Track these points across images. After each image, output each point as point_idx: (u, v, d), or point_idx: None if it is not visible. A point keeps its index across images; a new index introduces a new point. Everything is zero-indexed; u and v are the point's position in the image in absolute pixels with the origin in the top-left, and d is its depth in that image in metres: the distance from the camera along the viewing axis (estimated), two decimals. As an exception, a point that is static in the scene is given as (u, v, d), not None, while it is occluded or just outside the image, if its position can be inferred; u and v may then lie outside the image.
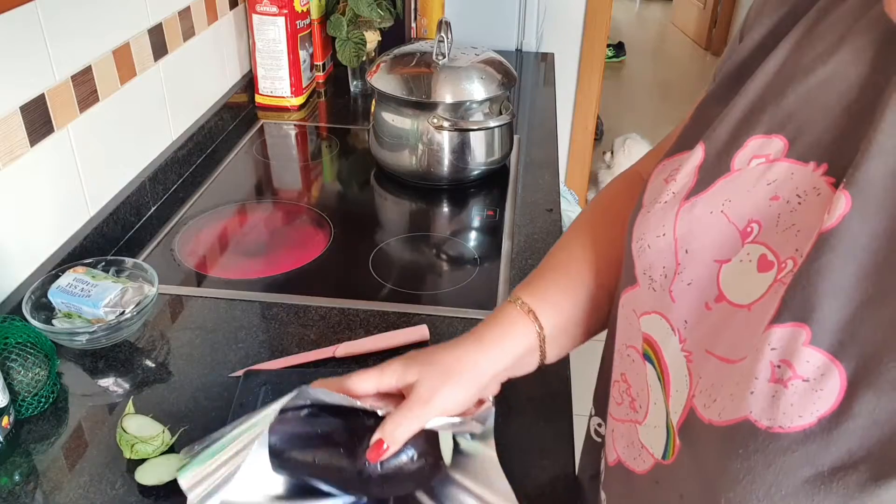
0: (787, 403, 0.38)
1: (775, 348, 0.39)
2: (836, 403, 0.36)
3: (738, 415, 0.40)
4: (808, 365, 0.38)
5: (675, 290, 0.49)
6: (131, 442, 0.70)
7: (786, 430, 0.38)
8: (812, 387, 0.37)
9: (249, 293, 0.96)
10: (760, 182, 0.45)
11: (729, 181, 0.47)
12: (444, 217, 1.21)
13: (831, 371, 0.37)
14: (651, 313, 0.51)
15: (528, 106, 1.64)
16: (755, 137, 0.47)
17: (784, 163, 0.45)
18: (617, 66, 4.67)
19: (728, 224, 0.46)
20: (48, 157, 0.95)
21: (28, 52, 0.90)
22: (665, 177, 0.52)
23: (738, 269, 0.45)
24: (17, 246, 0.92)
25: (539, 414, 0.78)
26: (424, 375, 0.60)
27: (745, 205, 0.46)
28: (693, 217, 0.48)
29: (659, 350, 0.50)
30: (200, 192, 1.23)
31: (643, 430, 0.52)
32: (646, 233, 0.51)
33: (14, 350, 0.75)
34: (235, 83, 1.54)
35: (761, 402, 0.39)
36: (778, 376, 0.38)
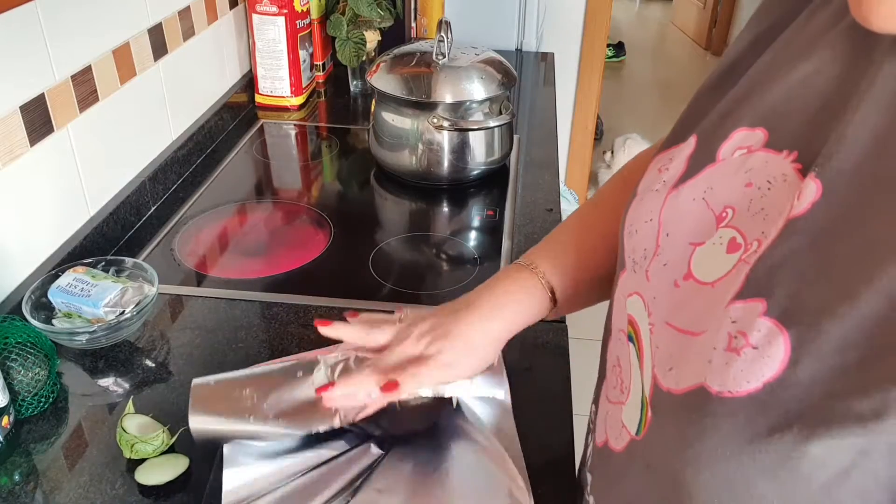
0: (737, 370, 0.40)
1: (735, 321, 0.41)
2: (781, 369, 0.38)
3: (694, 382, 0.43)
4: (758, 334, 0.40)
5: (651, 270, 0.51)
6: (131, 442, 0.70)
7: (734, 395, 0.40)
8: (760, 353, 0.39)
9: (249, 293, 0.96)
10: (739, 171, 0.48)
11: (713, 170, 0.49)
12: (444, 217, 1.21)
13: (777, 338, 0.39)
14: (633, 294, 0.54)
15: (528, 106, 1.64)
16: (741, 130, 0.49)
17: (762, 153, 0.47)
18: (617, 66, 4.67)
19: (706, 210, 0.48)
20: (48, 156, 0.95)
21: (28, 51, 0.90)
22: (659, 167, 0.55)
23: (710, 250, 0.47)
24: (17, 246, 0.92)
25: (539, 414, 0.78)
26: (448, 347, 0.64)
27: (723, 192, 0.48)
28: (677, 203, 0.51)
29: (638, 329, 0.53)
30: (200, 192, 1.23)
31: (625, 410, 0.54)
32: (636, 219, 0.54)
33: (14, 350, 0.75)
34: (235, 83, 1.54)
35: (716, 371, 0.41)
36: (734, 346, 0.41)
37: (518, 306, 0.66)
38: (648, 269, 0.52)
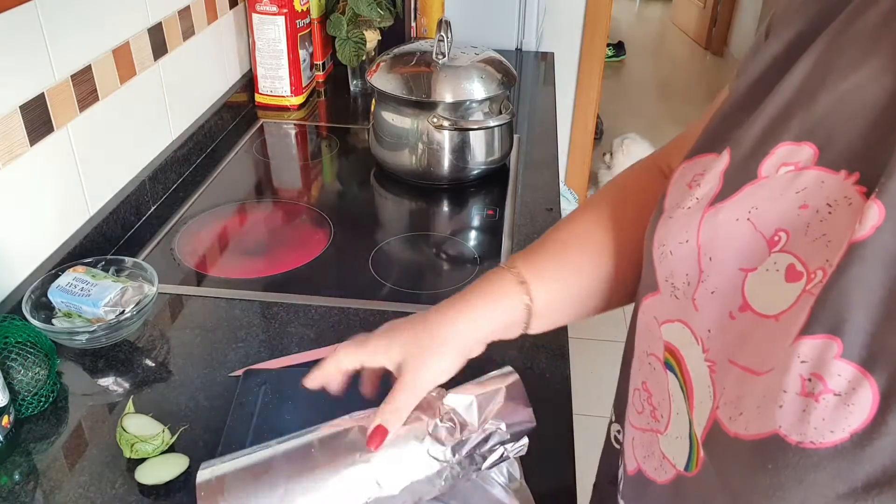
0: (818, 418, 0.37)
1: (805, 361, 0.38)
2: (870, 418, 0.36)
3: (766, 429, 0.39)
4: (839, 378, 0.37)
5: (699, 298, 0.48)
6: (131, 441, 0.70)
7: (817, 446, 0.37)
8: (844, 401, 0.36)
9: (249, 292, 0.96)
10: (789, 190, 0.44)
11: (756, 188, 0.46)
12: (444, 216, 1.21)
13: (863, 385, 0.36)
14: (674, 321, 0.50)
15: (527, 105, 1.64)
16: (784, 144, 0.46)
17: (814, 171, 0.44)
18: (617, 66, 4.67)
19: (754, 232, 0.45)
20: (48, 156, 0.95)
21: (28, 51, 0.90)
22: (688, 181, 0.51)
23: (765, 278, 0.44)
24: (17, 245, 0.92)
25: (539, 414, 0.78)
26: (409, 351, 0.61)
27: (772, 213, 0.45)
28: (717, 224, 0.47)
29: (682, 359, 0.49)
30: (200, 192, 1.23)
31: (664, 440, 0.51)
32: (668, 239, 0.50)
33: (14, 349, 0.75)
34: (235, 83, 1.54)
35: (791, 417, 0.38)
36: (808, 390, 0.38)
37: (488, 301, 0.62)
38: (696, 298, 0.48)
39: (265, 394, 0.77)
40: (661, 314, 0.52)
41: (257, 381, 0.79)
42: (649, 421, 0.54)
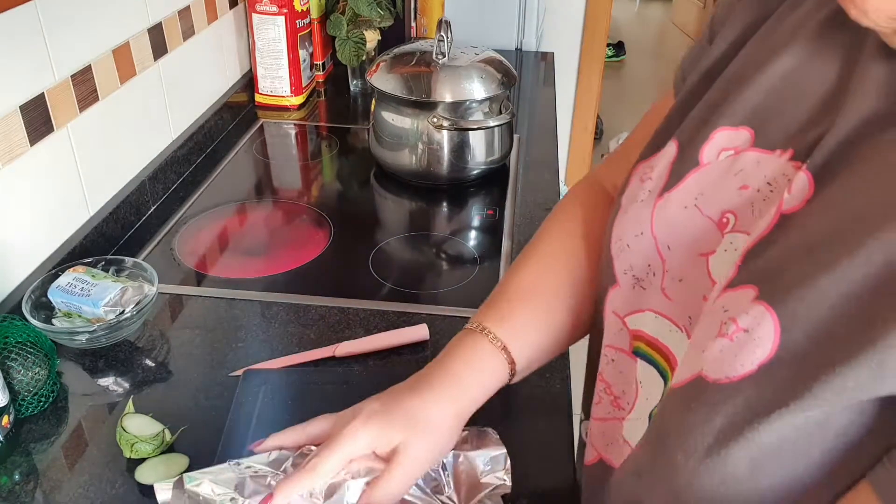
0: (731, 355, 0.40)
1: (727, 310, 0.42)
2: (773, 349, 0.39)
3: (691, 374, 0.43)
4: (746, 317, 0.40)
5: (668, 288, 0.49)
6: (131, 441, 0.70)
7: (731, 380, 0.40)
8: (750, 336, 0.39)
9: (249, 292, 0.96)
10: (728, 173, 0.47)
11: (699, 175, 0.48)
12: (443, 216, 1.21)
13: (765, 318, 0.39)
14: (643, 311, 0.51)
15: (527, 105, 1.64)
16: (722, 129, 0.48)
17: (751, 152, 0.46)
18: (617, 66, 4.67)
19: (703, 217, 0.47)
20: (48, 156, 0.95)
21: (27, 51, 0.90)
22: (641, 176, 0.53)
23: (725, 258, 0.46)
24: (17, 245, 0.92)
25: (539, 414, 0.78)
26: (410, 436, 0.56)
27: (716, 197, 0.47)
28: (668, 214, 0.49)
29: (664, 347, 0.50)
30: (200, 192, 1.23)
31: (627, 425, 0.53)
32: (624, 233, 0.52)
33: (14, 349, 0.75)
34: (235, 82, 1.54)
35: (709, 359, 0.41)
36: (724, 332, 0.41)
37: (476, 376, 0.59)
38: (664, 286, 0.50)
39: (265, 394, 0.77)
40: (623, 307, 0.53)
41: (257, 381, 0.79)
42: (610, 410, 0.55)
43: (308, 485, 0.54)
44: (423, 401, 0.57)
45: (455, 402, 0.58)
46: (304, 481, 0.54)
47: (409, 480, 0.56)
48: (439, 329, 0.89)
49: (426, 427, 0.56)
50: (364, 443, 0.56)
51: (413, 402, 0.57)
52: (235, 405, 0.76)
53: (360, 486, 0.56)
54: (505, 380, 0.61)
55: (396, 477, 0.55)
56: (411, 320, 0.91)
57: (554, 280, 0.63)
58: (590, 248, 0.63)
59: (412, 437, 0.56)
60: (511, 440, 0.73)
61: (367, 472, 0.57)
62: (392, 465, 0.55)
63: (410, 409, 0.57)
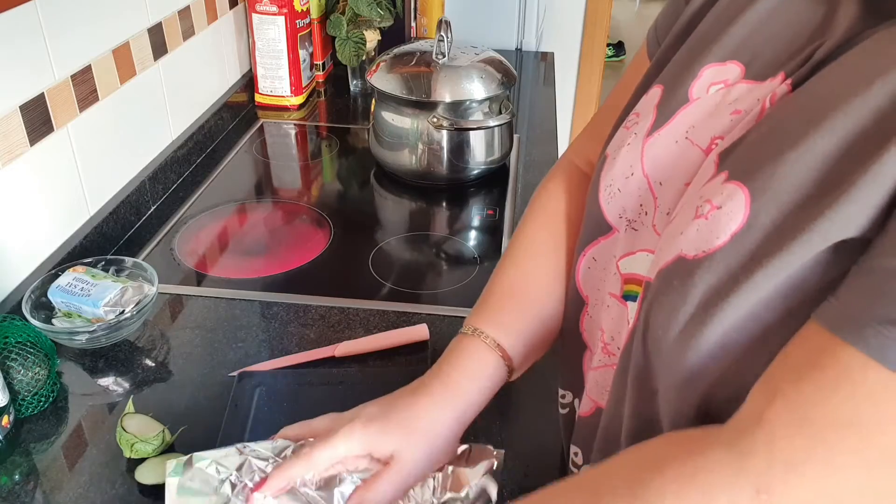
0: (706, 231, 0.42)
1: (702, 196, 0.44)
2: (744, 218, 0.41)
3: (671, 256, 0.44)
4: (721, 196, 0.42)
5: (658, 224, 0.50)
6: (131, 441, 0.70)
7: (708, 252, 0.42)
8: (724, 211, 0.42)
9: (249, 292, 0.96)
10: (722, 104, 0.48)
11: (690, 110, 0.49)
12: (443, 216, 1.21)
13: (737, 193, 0.42)
14: (635, 252, 0.52)
15: (527, 105, 1.64)
16: (709, 66, 0.49)
17: (742, 84, 0.48)
18: (617, 66, 4.67)
19: (693, 148, 0.49)
20: (48, 156, 0.95)
21: (28, 51, 0.90)
22: (626, 124, 0.54)
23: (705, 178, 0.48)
24: (17, 245, 0.92)
25: (539, 413, 0.78)
26: (407, 442, 0.56)
27: (708, 127, 0.48)
28: (658, 150, 0.50)
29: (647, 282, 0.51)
30: (200, 192, 1.23)
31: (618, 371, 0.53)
32: (615, 178, 0.52)
33: (14, 349, 0.75)
34: (235, 83, 1.54)
35: (688, 239, 0.43)
36: (700, 213, 0.43)
37: (474, 381, 0.59)
38: (655, 224, 0.50)
39: (260, 396, 0.77)
40: (616, 252, 0.54)
41: (252, 383, 0.79)
42: (601, 357, 0.56)
43: (299, 472, 0.55)
44: (421, 407, 0.57)
45: (453, 408, 0.58)
46: (295, 469, 0.55)
47: (402, 486, 0.56)
48: (439, 329, 0.89)
49: (423, 434, 0.56)
50: (358, 445, 0.56)
51: (411, 409, 0.57)
52: (230, 407, 0.76)
53: (355, 481, 0.57)
54: (503, 379, 0.61)
55: (389, 481, 0.55)
56: (411, 320, 0.91)
57: (539, 271, 0.63)
58: (571, 232, 0.63)
59: (408, 444, 0.56)
60: (510, 439, 0.73)
61: (365, 470, 0.57)
62: (386, 469, 0.55)
63: (408, 416, 0.57)
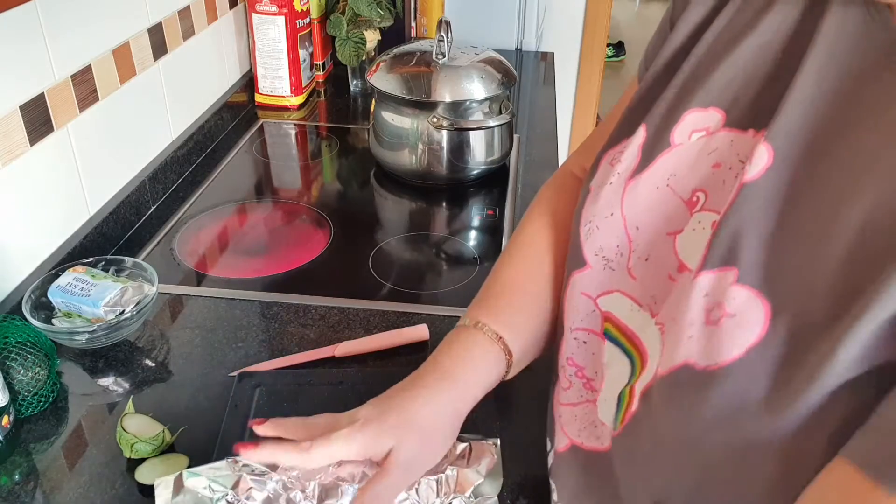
0: (718, 341, 0.40)
1: (707, 294, 0.41)
2: (763, 333, 0.38)
3: (677, 362, 0.42)
4: (734, 302, 0.40)
5: (634, 267, 0.50)
6: (131, 441, 0.70)
7: (720, 365, 0.40)
8: (739, 321, 0.39)
9: (249, 293, 0.96)
10: (702, 153, 0.47)
11: (670, 156, 0.48)
12: (443, 216, 1.21)
13: (755, 303, 0.39)
14: (612, 292, 0.51)
15: (527, 105, 1.64)
16: (692, 111, 0.48)
17: (723, 132, 0.46)
18: (617, 66, 4.67)
19: (673, 196, 0.48)
20: (48, 156, 0.95)
21: (28, 51, 0.90)
22: (611, 160, 0.53)
23: (692, 237, 0.46)
24: (17, 245, 0.92)
25: (539, 413, 0.78)
26: (402, 440, 0.55)
27: (689, 177, 0.47)
28: (638, 194, 0.49)
29: (625, 327, 0.51)
30: (200, 192, 1.23)
31: (601, 406, 0.52)
32: (594, 215, 0.52)
33: (14, 349, 0.75)
34: (235, 82, 1.54)
35: (698, 345, 0.41)
36: (712, 319, 0.41)
37: (472, 370, 0.59)
38: (630, 267, 0.50)
39: (260, 396, 0.77)
40: (594, 288, 0.53)
41: (252, 383, 0.79)
42: (582, 393, 0.55)
43: (291, 460, 0.55)
44: (416, 402, 0.57)
45: (450, 401, 0.58)
46: (288, 455, 0.55)
47: (400, 483, 0.55)
48: (439, 329, 0.89)
49: (419, 431, 0.56)
50: (356, 449, 0.55)
51: (406, 404, 0.57)
52: (230, 408, 0.76)
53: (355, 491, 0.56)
54: (502, 372, 0.60)
55: (386, 479, 0.54)
56: (411, 320, 0.91)
57: (537, 270, 0.63)
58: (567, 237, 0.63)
59: (404, 440, 0.55)
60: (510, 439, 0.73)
61: (362, 478, 0.56)
62: (383, 467, 0.55)
63: (403, 412, 0.56)
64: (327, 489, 0.56)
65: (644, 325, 0.49)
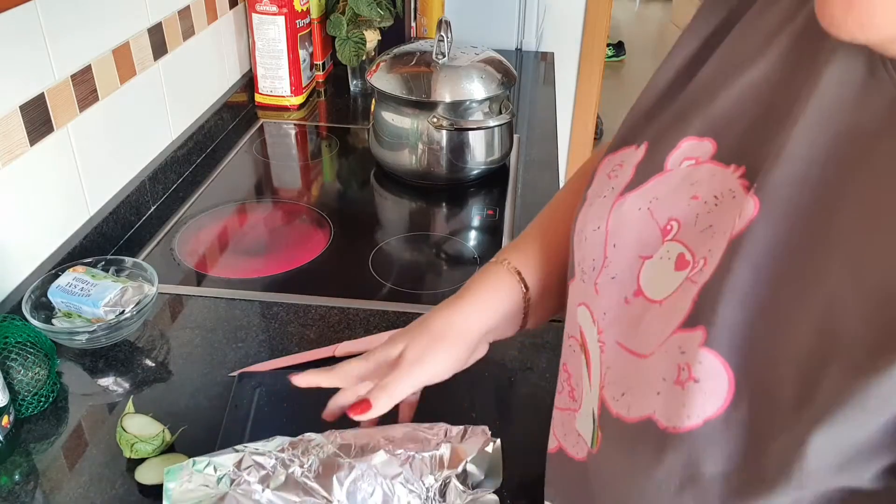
0: (680, 404, 0.39)
1: (683, 352, 0.40)
2: (723, 407, 0.37)
3: (643, 413, 0.41)
4: (700, 366, 0.38)
5: (600, 282, 0.50)
6: (131, 441, 0.70)
7: (678, 430, 0.39)
8: (701, 388, 0.38)
9: (249, 293, 0.96)
10: (685, 183, 0.46)
11: (660, 180, 0.48)
12: (443, 216, 1.21)
13: (720, 374, 0.38)
14: (581, 304, 0.52)
15: (527, 105, 1.64)
16: (688, 139, 0.48)
17: (709, 165, 0.46)
18: (617, 66, 4.67)
19: (651, 221, 0.47)
20: (48, 156, 0.95)
21: (28, 51, 0.90)
22: (608, 172, 0.53)
23: (657, 265, 0.46)
24: (17, 245, 0.92)
25: (539, 414, 0.78)
26: (411, 343, 0.61)
27: (668, 204, 0.47)
28: (623, 212, 0.49)
29: (585, 341, 0.52)
30: (200, 192, 1.23)
31: (579, 418, 0.53)
32: (585, 225, 0.53)
33: (14, 349, 0.75)
34: (235, 82, 1.54)
35: (664, 403, 0.40)
36: (680, 379, 0.39)
37: (485, 293, 0.64)
38: (598, 282, 0.50)
39: (260, 396, 0.77)
40: (575, 298, 0.54)
41: (251, 383, 0.79)
42: (567, 401, 0.56)
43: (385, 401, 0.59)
44: (432, 315, 0.63)
45: (461, 314, 0.63)
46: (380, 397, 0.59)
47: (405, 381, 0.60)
48: (439, 329, 0.89)
49: (428, 333, 0.61)
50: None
51: (425, 317, 0.64)
52: (230, 408, 0.76)
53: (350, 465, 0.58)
54: (517, 302, 0.63)
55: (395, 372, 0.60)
56: (411, 320, 0.89)
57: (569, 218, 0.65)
58: None
59: (414, 340, 0.61)
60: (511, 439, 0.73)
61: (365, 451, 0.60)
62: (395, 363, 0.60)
63: (420, 322, 0.64)
64: (326, 465, 0.58)
65: (592, 341, 0.50)
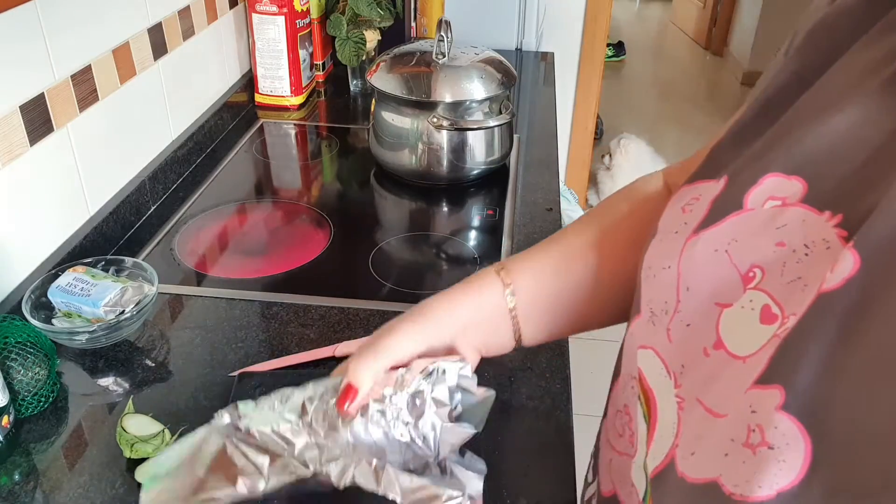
0: (750, 471, 0.36)
1: (755, 411, 0.37)
2: (798, 479, 0.34)
3: (709, 475, 0.38)
4: (775, 431, 0.35)
5: (673, 328, 0.46)
6: (131, 441, 0.70)
7: (746, 500, 0.36)
8: (776, 455, 0.35)
9: (249, 293, 0.96)
10: (770, 225, 0.42)
11: (739, 219, 0.44)
12: (443, 216, 1.21)
13: (798, 441, 0.35)
14: (647, 347, 0.49)
15: (527, 105, 1.64)
16: (772, 175, 0.43)
17: (798, 208, 0.41)
18: (617, 66, 4.67)
19: (730, 265, 0.43)
20: (48, 156, 0.95)
21: (28, 51, 0.90)
22: (682, 205, 0.49)
23: (740, 316, 0.42)
24: (17, 245, 0.92)
25: (539, 414, 0.78)
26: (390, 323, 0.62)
27: (750, 247, 0.43)
28: (696, 253, 0.45)
29: (650, 390, 0.48)
30: (200, 192, 1.23)
31: (634, 467, 0.50)
32: (654, 262, 0.49)
33: (14, 349, 0.75)
34: (235, 82, 1.54)
35: (732, 466, 0.37)
36: (751, 441, 0.37)
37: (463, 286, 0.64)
38: (670, 328, 0.46)
39: (260, 396, 0.77)
40: (638, 338, 0.50)
41: (252, 383, 0.79)
42: (626, 446, 0.52)
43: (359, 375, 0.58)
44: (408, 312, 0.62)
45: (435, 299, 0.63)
46: None
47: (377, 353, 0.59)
48: (439, 329, 0.89)
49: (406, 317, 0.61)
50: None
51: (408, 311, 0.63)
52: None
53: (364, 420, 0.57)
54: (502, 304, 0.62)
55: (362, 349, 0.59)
56: (411, 320, 0.91)
57: (579, 233, 0.65)
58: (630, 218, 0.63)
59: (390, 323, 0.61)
60: (511, 439, 0.73)
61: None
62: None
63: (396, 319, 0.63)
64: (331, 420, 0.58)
65: (665, 394, 0.46)
